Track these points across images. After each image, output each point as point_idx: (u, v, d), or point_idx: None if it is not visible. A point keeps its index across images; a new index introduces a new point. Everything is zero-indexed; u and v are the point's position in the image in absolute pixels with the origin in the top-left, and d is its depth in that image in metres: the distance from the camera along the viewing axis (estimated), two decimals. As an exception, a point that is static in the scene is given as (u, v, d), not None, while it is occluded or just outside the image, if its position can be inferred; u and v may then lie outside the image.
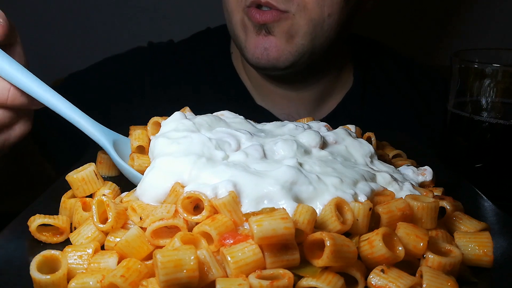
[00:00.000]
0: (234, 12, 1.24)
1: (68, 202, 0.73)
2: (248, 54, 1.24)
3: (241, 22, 1.23)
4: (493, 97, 1.01)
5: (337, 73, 1.43)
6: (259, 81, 1.40)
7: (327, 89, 1.42)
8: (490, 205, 0.79)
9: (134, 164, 0.80)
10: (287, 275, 0.54)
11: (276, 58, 1.21)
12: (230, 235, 0.59)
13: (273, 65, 1.22)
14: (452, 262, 0.59)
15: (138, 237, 0.61)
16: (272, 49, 1.20)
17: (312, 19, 1.18)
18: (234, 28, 1.26)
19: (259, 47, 1.21)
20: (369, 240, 0.59)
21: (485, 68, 1.00)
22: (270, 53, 1.20)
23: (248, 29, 1.22)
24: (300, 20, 1.17)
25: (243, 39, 1.24)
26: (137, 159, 0.81)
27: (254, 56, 1.22)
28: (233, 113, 0.90)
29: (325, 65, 1.36)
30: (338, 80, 1.44)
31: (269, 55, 1.20)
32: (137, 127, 0.96)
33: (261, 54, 1.21)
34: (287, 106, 1.39)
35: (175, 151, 0.72)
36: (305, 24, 1.18)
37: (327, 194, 0.65)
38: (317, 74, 1.37)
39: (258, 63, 1.23)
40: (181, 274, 0.52)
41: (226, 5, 1.27)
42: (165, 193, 0.67)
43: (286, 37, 1.19)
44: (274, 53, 1.20)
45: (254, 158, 0.72)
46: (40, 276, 0.55)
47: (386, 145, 1.02)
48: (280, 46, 1.20)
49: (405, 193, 0.72)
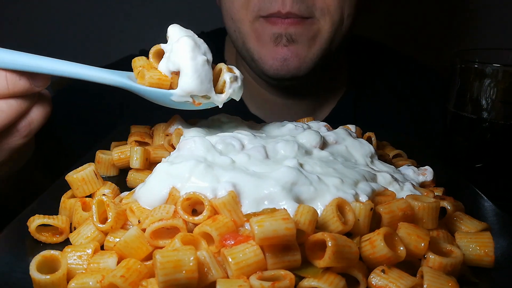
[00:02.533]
0: (244, 21, 1.18)
1: (67, 202, 0.73)
2: (265, 66, 1.17)
3: (254, 32, 1.17)
4: (493, 97, 1.01)
5: (332, 76, 1.40)
6: (254, 90, 1.36)
7: (323, 93, 1.39)
8: (491, 205, 0.79)
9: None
10: (288, 276, 0.54)
11: (297, 67, 1.16)
12: (231, 235, 0.59)
13: (293, 75, 1.18)
14: (453, 263, 0.59)
15: (137, 237, 0.61)
16: (293, 59, 1.15)
17: (334, 22, 1.15)
18: (244, 39, 1.19)
19: (277, 58, 1.15)
20: (371, 240, 0.59)
21: (485, 68, 1.00)
22: (291, 63, 1.15)
23: (262, 39, 1.15)
24: (325, 24, 1.15)
25: (256, 50, 1.18)
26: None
27: (272, 68, 1.16)
28: (229, 116, 0.90)
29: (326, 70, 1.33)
30: (333, 83, 1.41)
31: (289, 66, 1.15)
32: (137, 127, 0.96)
33: (281, 66, 1.15)
34: (282, 114, 1.34)
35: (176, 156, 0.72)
36: (329, 28, 1.15)
37: (328, 195, 0.65)
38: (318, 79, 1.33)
39: (277, 74, 1.17)
40: (180, 275, 0.52)
41: (231, 14, 1.20)
42: (162, 198, 0.67)
43: (309, 43, 1.16)
44: (296, 63, 1.15)
45: (256, 159, 0.71)
46: (40, 276, 0.55)
47: (387, 145, 1.01)
48: (302, 54, 1.15)
49: (405, 193, 0.72)
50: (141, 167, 0.81)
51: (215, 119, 0.89)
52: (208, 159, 0.70)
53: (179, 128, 0.85)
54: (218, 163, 0.70)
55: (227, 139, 0.75)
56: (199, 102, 0.78)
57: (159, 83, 0.76)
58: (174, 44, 0.75)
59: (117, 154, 0.84)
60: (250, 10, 1.16)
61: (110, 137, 0.98)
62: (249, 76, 1.36)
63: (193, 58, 0.74)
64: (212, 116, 0.89)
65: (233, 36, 1.24)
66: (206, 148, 0.72)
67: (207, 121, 0.89)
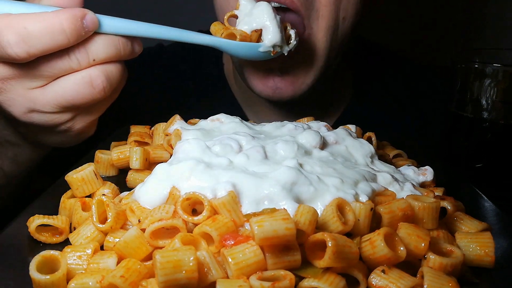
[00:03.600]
0: None
1: (67, 202, 0.73)
2: (255, 89, 1.12)
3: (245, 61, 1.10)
4: (493, 97, 1.01)
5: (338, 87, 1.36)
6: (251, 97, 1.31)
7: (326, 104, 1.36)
8: (491, 205, 0.79)
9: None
10: (288, 276, 0.54)
11: (291, 95, 1.10)
12: (231, 236, 0.58)
13: (287, 102, 1.12)
14: (453, 263, 0.59)
15: (137, 238, 0.61)
16: (288, 88, 1.09)
17: (329, 27, 1.07)
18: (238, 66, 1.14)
19: (269, 86, 1.09)
20: (371, 240, 0.59)
21: (486, 68, 1.00)
22: (285, 92, 1.09)
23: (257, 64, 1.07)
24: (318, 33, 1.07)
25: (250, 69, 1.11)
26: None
27: (262, 94, 1.10)
28: (229, 116, 0.89)
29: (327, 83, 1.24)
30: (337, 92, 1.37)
31: (282, 94, 1.09)
32: (137, 127, 0.96)
33: (272, 94, 1.09)
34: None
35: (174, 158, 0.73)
36: (323, 36, 1.07)
37: (328, 195, 0.65)
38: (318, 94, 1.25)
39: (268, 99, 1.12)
40: (180, 275, 0.52)
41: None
42: (162, 198, 0.67)
43: (306, 69, 1.08)
44: (290, 92, 1.09)
45: (255, 160, 0.71)
46: (40, 276, 0.55)
47: (387, 145, 1.01)
48: (297, 82, 1.09)
49: (406, 193, 0.72)
50: (141, 168, 0.81)
51: (214, 119, 0.89)
52: (205, 160, 0.70)
53: (178, 129, 0.85)
54: (215, 164, 0.70)
55: (225, 140, 0.75)
56: (276, 50, 0.96)
57: (245, 39, 0.94)
58: (253, 10, 0.95)
59: (116, 154, 0.84)
60: None
61: (110, 137, 0.98)
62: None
63: (274, 17, 0.94)
64: (212, 116, 0.89)
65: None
66: (201, 150, 0.72)
67: (207, 121, 0.89)
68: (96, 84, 0.80)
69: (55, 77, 0.81)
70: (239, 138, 0.77)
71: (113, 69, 0.82)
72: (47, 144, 0.96)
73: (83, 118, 0.88)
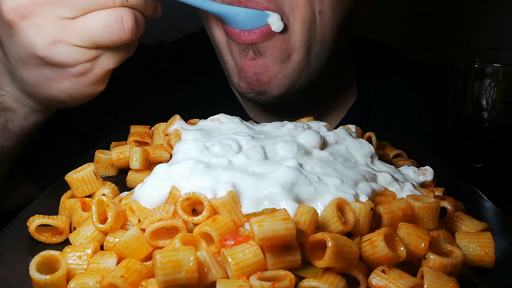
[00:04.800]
0: (215, 28, 1.10)
1: (67, 202, 0.73)
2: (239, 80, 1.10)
3: (226, 42, 1.09)
4: (493, 97, 1.01)
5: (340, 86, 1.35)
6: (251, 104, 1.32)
7: (330, 105, 1.34)
8: (491, 205, 0.79)
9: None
10: (288, 276, 0.54)
11: (268, 83, 1.08)
12: (231, 236, 0.58)
13: (265, 91, 1.09)
14: (453, 263, 0.59)
15: (137, 238, 0.61)
16: (264, 73, 1.06)
17: (305, 22, 1.04)
18: (221, 51, 1.13)
19: (249, 71, 1.07)
20: (371, 240, 0.59)
21: (486, 68, 1.00)
22: (261, 78, 1.07)
23: (234, 52, 1.08)
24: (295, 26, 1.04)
25: (231, 63, 1.11)
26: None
27: (245, 81, 1.08)
28: (229, 116, 0.89)
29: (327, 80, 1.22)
30: (341, 92, 1.36)
31: (259, 80, 1.07)
32: (137, 127, 0.96)
33: (252, 79, 1.07)
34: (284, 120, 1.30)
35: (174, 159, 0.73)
36: (299, 29, 1.04)
37: (328, 195, 0.65)
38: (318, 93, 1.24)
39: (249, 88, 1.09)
40: (180, 275, 0.52)
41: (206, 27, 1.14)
42: (162, 199, 0.67)
43: (282, 58, 1.06)
44: (266, 78, 1.07)
45: (255, 160, 0.71)
46: (40, 277, 0.55)
47: (387, 145, 1.01)
48: (273, 69, 1.06)
49: (406, 193, 0.72)
50: (141, 168, 0.81)
51: (214, 119, 0.89)
52: (203, 160, 0.70)
53: (177, 130, 0.85)
54: (214, 164, 0.70)
55: (224, 140, 0.75)
56: None
57: None
58: None
59: (116, 154, 0.84)
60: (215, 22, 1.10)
61: (110, 137, 0.98)
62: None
63: None
64: (212, 117, 0.90)
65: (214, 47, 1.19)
66: (199, 150, 0.73)
67: (207, 121, 0.89)
68: (127, 23, 0.83)
69: (89, 11, 0.82)
70: (238, 138, 0.77)
71: (140, 16, 0.87)
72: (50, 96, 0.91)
73: (103, 62, 0.88)
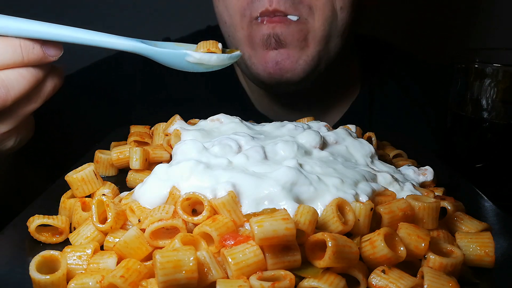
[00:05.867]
0: (238, 27, 1.15)
1: (67, 202, 0.73)
2: (257, 70, 1.15)
3: (247, 37, 1.14)
4: (493, 97, 1.01)
5: (345, 77, 1.38)
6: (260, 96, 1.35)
7: (335, 94, 1.37)
8: (491, 205, 0.79)
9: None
10: (288, 276, 0.54)
11: (290, 70, 1.12)
12: (231, 236, 0.58)
13: (287, 79, 1.14)
14: (453, 263, 0.59)
15: (137, 238, 0.61)
16: (285, 61, 1.11)
17: (326, 18, 1.10)
18: (238, 44, 1.17)
19: (269, 61, 1.12)
20: (371, 240, 0.59)
21: (486, 68, 1.00)
22: (283, 66, 1.11)
23: (255, 43, 1.13)
24: (315, 23, 1.10)
25: (249, 54, 1.15)
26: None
27: (265, 72, 1.13)
28: (229, 116, 0.89)
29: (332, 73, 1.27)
30: (345, 86, 1.38)
31: (282, 69, 1.12)
32: (137, 127, 0.96)
33: (273, 69, 1.12)
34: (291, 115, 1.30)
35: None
36: (321, 25, 1.11)
37: (328, 195, 0.65)
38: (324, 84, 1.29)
39: (271, 78, 1.14)
40: (180, 275, 0.52)
41: (225, 19, 1.18)
42: (162, 199, 0.67)
43: (300, 45, 1.11)
44: (288, 65, 1.11)
45: (254, 160, 0.71)
46: (40, 276, 0.55)
47: (387, 145, 1.01)
48: (294, 56, 1.11)
49: (406, 193, 0.72)
50: (141, 168, 0.81)
51: (214, 119, 0.89)
52: (203, 161, 0.70)
53: (177, 130, 0.85)
54: (214, 164, 0.70)
55: (224, 140, 0.75)
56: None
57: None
58: None
59: (116, 154, 0.84)
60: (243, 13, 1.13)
61: (109, 137, 0.98)
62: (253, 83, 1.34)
63: None
64: (212, 117, 0.89)
65: (228, 42, 1.22)
66: (198, 151, 0.73)
67: (207, 121, 0.89)
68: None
69: None
70: (238, 139, 0.77)
71: (11, 75, 0.74)
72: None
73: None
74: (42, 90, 0.80)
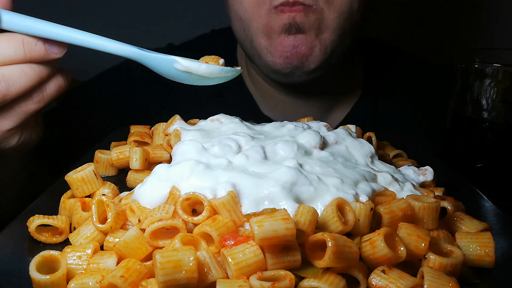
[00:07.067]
0: (254, 17, 1.17)
1: (67, 202, 0.73)
2: (273, 57, 1.17)
3: (265, 26, 1.16)
4: (493, 97, 1.01)
5: (346, 77, 1.39)
6: (265, 90, 1.36)
7: (337, 95, 1.38)
8: (491, 205, 0.79)
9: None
10: (288, 276, 0.54)
11: (306, 54, 1.15)
12: (231, 236, 0.58)
13: (302, 65, 1.16)
14: (453, 263, 0.59)
15: (137, 238, 0.60)
16: (302, 45, 1.14)
17: (342, 13, 1.14)
18: (253, 36, 1.19)
19: (287, 45, 1.14)
20: (371, 240, 0.59)
21: (486, 68, 1.00)
22: (300, 50, 1.14)
23: (274, 32, 1.15)
24: (330, 14, 1.13)
25: (265, 45, 1.17)
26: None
27: (282, 56, 1.15)
28: (228, 116, 0.89)
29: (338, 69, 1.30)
30: (347, 84, 1.40)
31: (298, 53, 1.14)
32: (137, 127, 0.96)
33: (290, 52, 1.15)
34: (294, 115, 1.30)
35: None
36: (335, 18, 1.14)
37: (328, 195, 0.65)
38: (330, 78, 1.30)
39: (285, 63, 1.16)
40: (180, 275, 0.52)
41: (240, 14, 1.20)
42: (162, 199, 0.67)
43: (316, 32, 1.15)
44: (304, 50, 1.14)
45: (254, 160, 0.71)
46: (40, 277, 0.55)
47: (387, 145, 1.01)
48: (310, 41, 1.15)
49: (406, 193, 0.72)
50: (141, 168, 0.81)
51: (214, 119, 0.89)
52: (203, 161, 0.70)
53: (177, 130, 0.85)
54: (214, 164, 0.70)
55: (224, 141, 0.75)
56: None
57: None
58: None
59: (116, 154, 0.84)
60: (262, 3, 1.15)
61: (110, 137, 0.98)
62: (260, 77, 1.35)
63: None
64: (212, 117, 0.89)
65: (242, 36, 1.23)
66: (197, 151, 0.73)
67: (206, 121, 0.89)
68: None
69: None
70: (238, 139, 0.77)
71: (13, 71, 0.74)
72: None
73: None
74: (45, 89, 0.80)
